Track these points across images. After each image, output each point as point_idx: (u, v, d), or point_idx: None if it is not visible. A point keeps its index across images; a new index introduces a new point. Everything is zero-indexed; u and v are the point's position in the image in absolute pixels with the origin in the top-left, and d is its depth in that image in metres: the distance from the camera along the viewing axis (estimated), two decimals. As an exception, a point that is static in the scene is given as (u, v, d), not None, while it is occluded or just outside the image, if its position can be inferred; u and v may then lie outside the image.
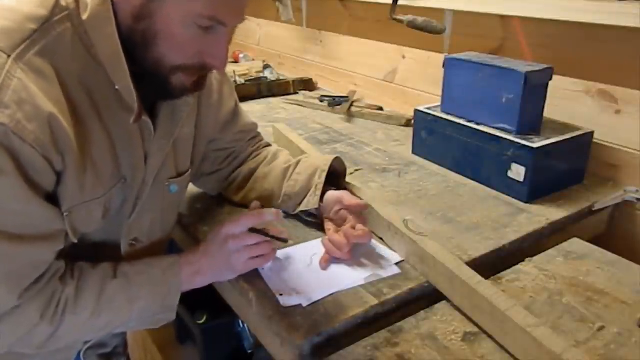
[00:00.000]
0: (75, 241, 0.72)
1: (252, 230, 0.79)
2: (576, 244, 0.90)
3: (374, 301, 0.74)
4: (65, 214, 0.68)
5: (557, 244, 0.90)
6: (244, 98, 1.75)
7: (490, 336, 0.69)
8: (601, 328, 0.70)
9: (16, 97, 0.60)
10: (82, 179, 0.69)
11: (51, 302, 0.69)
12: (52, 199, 0.67)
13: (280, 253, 0.84)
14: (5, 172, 0.60)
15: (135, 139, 0.75)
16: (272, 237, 0.81)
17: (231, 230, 0.78)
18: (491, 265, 0.85)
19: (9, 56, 0.61)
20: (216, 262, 0.79)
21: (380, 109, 1.61)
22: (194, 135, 0.88)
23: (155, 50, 0.67)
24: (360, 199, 0.91)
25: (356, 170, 1.18)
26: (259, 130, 1.06)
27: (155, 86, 0.71)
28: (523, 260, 0.85)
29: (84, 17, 0.66)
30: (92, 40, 0.67)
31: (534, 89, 1.03)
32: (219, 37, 0.68)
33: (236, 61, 2.21)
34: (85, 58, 0.67)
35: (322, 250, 0.85)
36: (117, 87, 0.69)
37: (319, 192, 0.90)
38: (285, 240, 0.82)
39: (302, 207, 0.92)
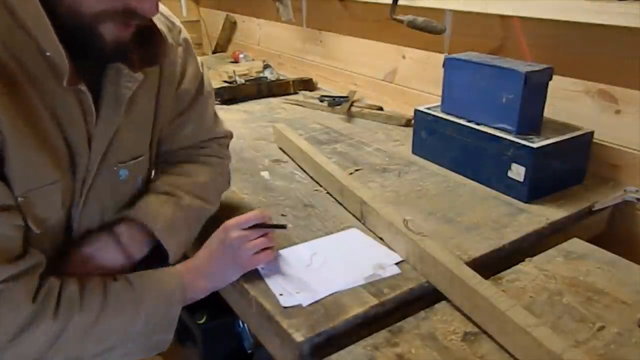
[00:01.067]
0: (39, 232, 0.67)
1: (252, 226, 0.80)
2: (576, 244, 0.90)
3: (374, 301, 0.74)
4: (19, 199, 0.64)
5: (557, 244, 0.90)
6: (244, 98, 1.76)
7: (490, 336, 0.69)
8: (601, 328, 0.70)
9: None
10: (33, 158, 0.64)
11: (49, 295, 0.65)
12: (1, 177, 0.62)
13: (280, 253, 0.84)
14: None
15: (77, 118, 0.69)
16: (272, 226, 0.80)
17: (233, 227, 0.78)
18: (491, 265, 0.84)
19: None
20: (220, 263, 0.78)
21: (380, 109, 1.61)
22: (153, 116, 0.82)
23: None
24: None
25: (356, 170, 1.18)
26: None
27: (85, 46, 0.63)
28: (523, 260, 0.85)
29: None
30: (12, 2, 0.61)
31: (534, 89, 1.03)
32: None
33: (236, 61, 2.21)
34: (11, 25, 0.61)
35: (322, 251, 0.85)
36: (47, 53, 0.63)
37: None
38: (284, 227, 0.81)
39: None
